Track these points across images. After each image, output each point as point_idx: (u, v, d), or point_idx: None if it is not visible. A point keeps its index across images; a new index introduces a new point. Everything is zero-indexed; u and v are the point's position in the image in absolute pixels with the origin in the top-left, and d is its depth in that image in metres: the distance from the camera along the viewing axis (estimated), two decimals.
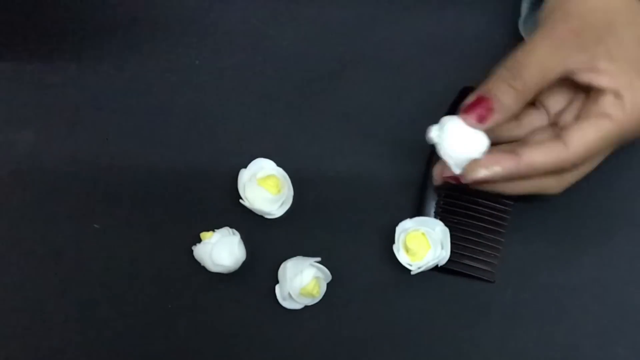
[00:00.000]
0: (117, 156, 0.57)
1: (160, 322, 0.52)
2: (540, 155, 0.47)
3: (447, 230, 0.52)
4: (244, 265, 0.52)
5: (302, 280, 0.51)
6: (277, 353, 0.52)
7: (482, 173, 0.47)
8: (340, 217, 0.55)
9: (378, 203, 0.55)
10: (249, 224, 0.54)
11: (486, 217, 0.53)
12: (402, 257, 0.52)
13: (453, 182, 0.49)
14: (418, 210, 0.53)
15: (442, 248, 0.52)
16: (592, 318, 0.52)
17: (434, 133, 0.48)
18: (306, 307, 0.53)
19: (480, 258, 0.53)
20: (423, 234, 0.51)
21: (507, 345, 0.52)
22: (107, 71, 0.59)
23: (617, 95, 0.46)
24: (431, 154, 0.55)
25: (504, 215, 0.54)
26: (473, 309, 0.52)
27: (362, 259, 0.54)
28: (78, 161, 0.57)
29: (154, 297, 0.53)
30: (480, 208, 0.53)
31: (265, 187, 0.53)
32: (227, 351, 0.52)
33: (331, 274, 0.53)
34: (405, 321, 0.52)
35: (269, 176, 0.53)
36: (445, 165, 0.49)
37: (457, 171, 0.48)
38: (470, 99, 0.47)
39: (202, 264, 0.53)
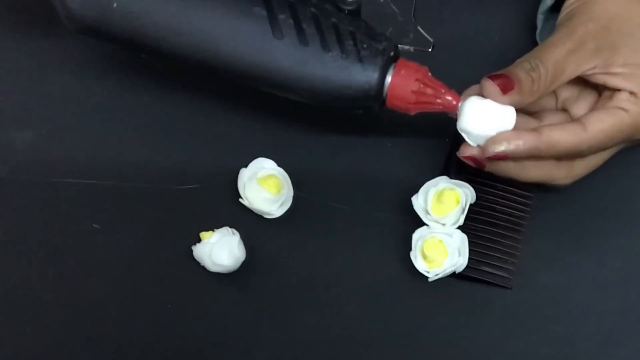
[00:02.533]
0: (117, 156, 0.57)
1: (159, 322, 0.52)
2: (560, 134, 0.48)
3: (465, 237, 0.52)
4: (244, 265, 0.52)
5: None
6: (277, 353, 0.52)
7: (504, 146, 0.48)
8: (340, 217, 0.55)
9: (378, 203, 0.55)
10: (249, 223, 0.54)
11: (503, 223, 0.53)
12: (420, 264, 0.51)
13: (471, 162, 0.49)
14: None
15: (460, 255, 0.51)
16: (592, 318, 0.52)
17: (462, 104, 0.49)
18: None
19: (498, 265, 0.53)
20: (440, 241, 0.51)
21: (507, 345, 0.52)
22: (107, 71, 0.59)
23: (632, 93, 0.48)
24: (449, 153, 0.55)
25: (522, 222, 0.53)
26: (472, 309, 0.52)
27: (362, 259, 0.53)
28: (78, 161, 0.57)
29: (153, 297, 0.53)
30: (498, 214, 0.53)
31: (265, 187, 0.53)
32: (227, 351, 0.52)
33: (331, 274, 0.53)
34: (404, 321, 0.52)
35: (269, 176, 0.53)
36: (465, 144, 0.49)
37: (476, 145, 0.49)
38: (493, 74, 0.48)
39: (201, 264, 0.53)
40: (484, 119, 0.48)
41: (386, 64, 0.49)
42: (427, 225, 0.52)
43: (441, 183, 0.52)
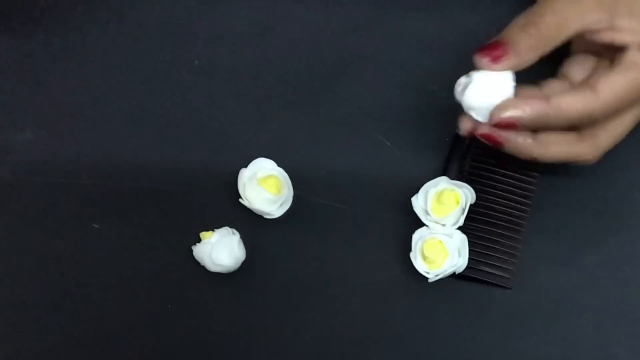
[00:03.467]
0: (117, 156, 0.57)
1: (160, 322, 0.52)
2: (569, 99, 0.47)
3: (465, 237, 0.51)
4: (244, 265, 0.53)
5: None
6: (277, 353, 0.52)
7: (510, 112, 0.47)
8: (340, 218, 0.55)
9: (378, 203, 0.55)
10: (249, 223, 0.54)
11: (503, 223, 0.53)
12: (420, 265, 0.51)
13: (488, 141, 0.49)
14: None
15: (460, 256, 0.51)
16: (592, 318, 0.52)
17: (460, 88, 0.48)
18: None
19: (498, 265, 0.52)
20: (440, 241, 0.51)
21: (507, 345, 0.52)
22: (107, 71, 0.59)
23: None
24: (449, 153, 0.55)
25: (521, 222, 0.53)
26: (473, 309, 0.52)
27: (362, 260, 0.53)
28: (78, 161, 0.57)
29: (153, 297, 0.53)
30: (498, 214, 0.53)
31: (265, 187, 0.53)
32: (227, 351, 0.52)
33: (331, 274, 0.53)
34: (404, 321, 0.52)
35: (269, 176, 0.53)
36: (472, 120, 0.48)
37: (483, 121, 0.48)
38: (483, 45, 0.47)
39: (201, 264, 0.53)
40: (483, 90, 0.47)
41: None
42: (426, 225, 0.52)
43: (441, 183, 0.52)
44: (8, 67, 0.60)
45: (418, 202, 0.52)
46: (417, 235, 0.52)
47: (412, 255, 0.52)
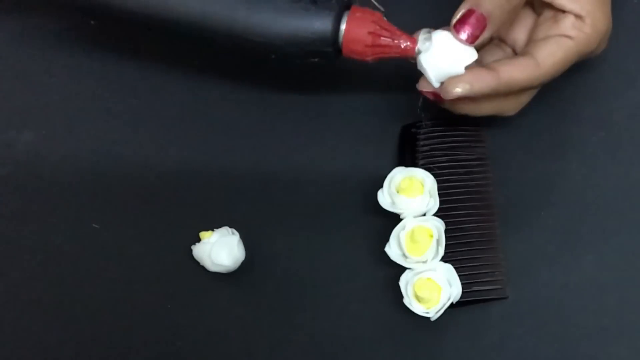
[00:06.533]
0: (117, 156, 0.57)
1: (159, 322, 0.52)
2: (517, 72, 0.49)
3: (450, 266, 0.50)
4: (243, 265, 0.53)
5: None
6: (276, 353, 0.52)
7: (462, 88, 0.48)
8: (339, 217, 0.55)
9: (378, 203, 0.55)
10: (249, 223, 0.54)
11: (477, 239, 0.52)
12: (417, 308, 0.50)
13: (431, 97, 0.50)
14: None
15: (452, 285, 0.50)
16: (591, 318, 0.52)
17: (421, 43, 0.49)
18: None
19: (487, 279, 0.52)
20: (429, 278, 0.50)
21: (507, 345, 0.52)
22: (107, 71, 0.59)
23: (578, 16, 0.49)
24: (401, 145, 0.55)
25: (494, 231, 0.53)
26: (472, 309, 0.52)
27: (362, 260, 0.54)
28: (78, 161, 0.57)
29: (153, 297, 0.53)
30: (469, 232, 0.53)
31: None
32: (226, 351, 0.52)
33: (328, 274, 0.53)
34: (404, 320, 0.52)
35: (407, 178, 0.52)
36: (424, 79, 0.50)
37: (436, 85, 0.49)
38: (460, 12, 0.48)
39: (201, 264, 0.53)
40: (449, 57, 0.48)
41: (341, 7, 0.48)
42: (409, 268, 0.51)
43: (408, 224, 0.51)
44: (8, 67, 0.60)
45: (392, 250, 0.51)
46: (404, 281, 0.50)
47: (405, 301, 0.50)
